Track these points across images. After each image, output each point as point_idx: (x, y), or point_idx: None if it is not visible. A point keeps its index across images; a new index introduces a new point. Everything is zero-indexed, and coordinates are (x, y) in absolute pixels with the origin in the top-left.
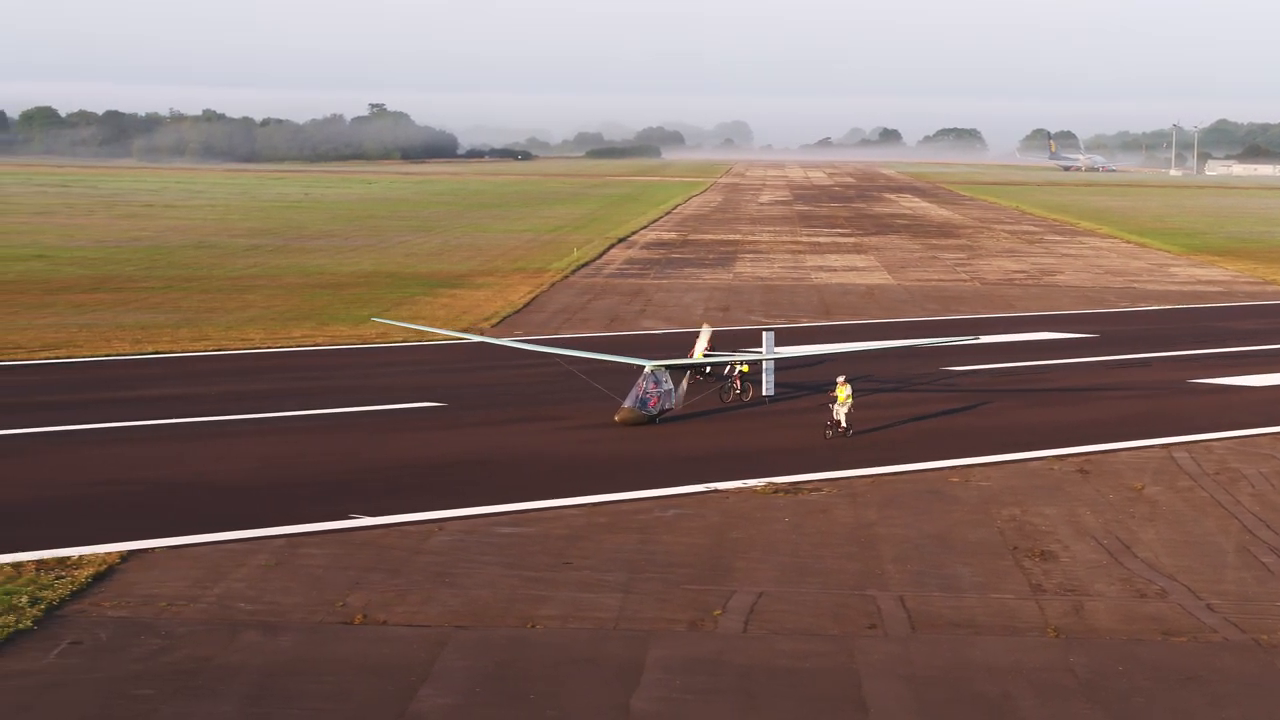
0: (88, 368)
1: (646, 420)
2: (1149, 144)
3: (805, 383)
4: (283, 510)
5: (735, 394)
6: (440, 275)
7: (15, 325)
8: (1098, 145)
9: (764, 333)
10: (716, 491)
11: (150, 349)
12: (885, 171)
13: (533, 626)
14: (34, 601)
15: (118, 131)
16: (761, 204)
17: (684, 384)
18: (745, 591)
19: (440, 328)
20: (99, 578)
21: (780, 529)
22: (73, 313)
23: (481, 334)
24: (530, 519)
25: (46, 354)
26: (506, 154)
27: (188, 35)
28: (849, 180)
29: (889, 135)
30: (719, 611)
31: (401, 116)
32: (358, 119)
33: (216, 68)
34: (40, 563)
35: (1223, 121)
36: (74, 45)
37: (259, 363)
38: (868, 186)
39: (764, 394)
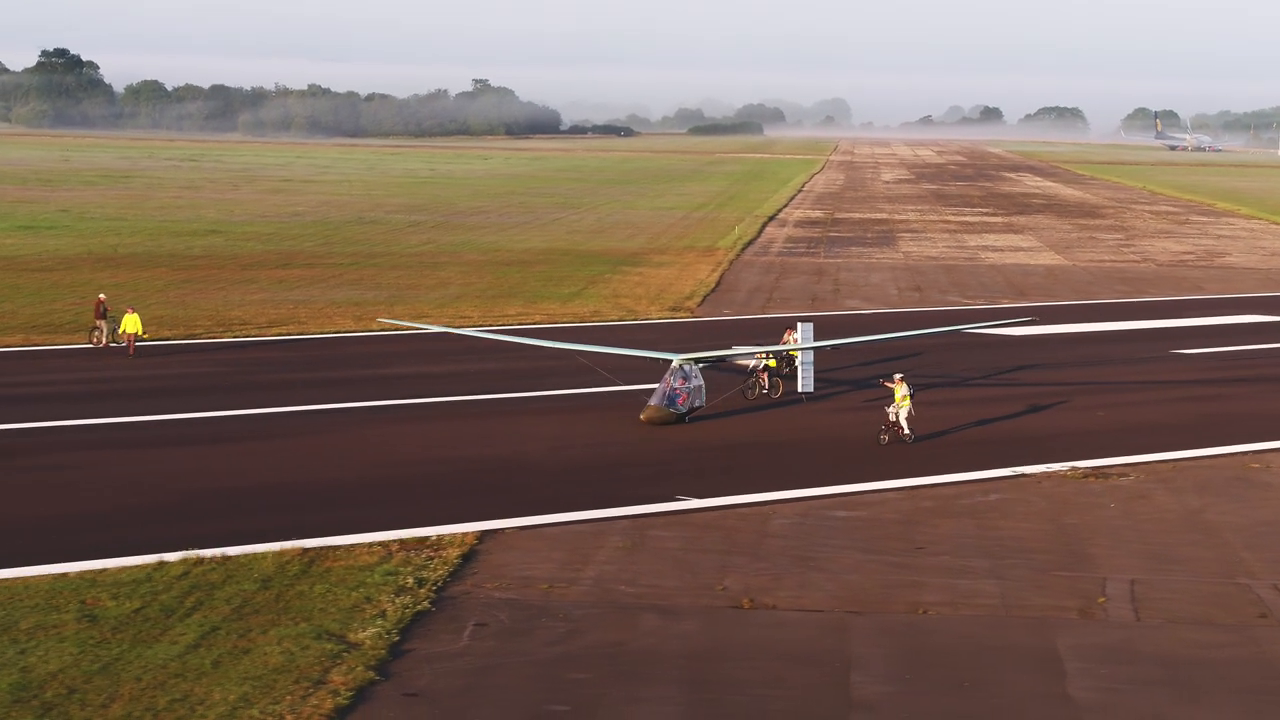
0: (328, 344)
1: (675, 419)
2: (1254, 124)
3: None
4: (607, 490)
5: (761, 390)
6: (615, 253)
7: (230, 301)
8: (1200, 125)
9: (799, 324)
10: (1024, 476)
11: (375, 326)
12: (992, 150)
13: (924, 613)
14: (419, 583)
15: (224, 106)
16: (887, 183)
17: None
18: (1117, 579)
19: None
20: (466, 558)
21: (1112, 515)
22: (279, 288)
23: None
24: (855, 503)
25: (276, 330)
26: (609, 130)
27: (291, 8)
28: (960, 159)
29: (990, 113)
30: (1102, 599)
31: (506, 92)
32: (462, 94)
33: (320, 41)
34: (401, 543)
35: None
36: (179, 19)
37: (488, 342)
38: (982, 165)
39: (800, 391)
